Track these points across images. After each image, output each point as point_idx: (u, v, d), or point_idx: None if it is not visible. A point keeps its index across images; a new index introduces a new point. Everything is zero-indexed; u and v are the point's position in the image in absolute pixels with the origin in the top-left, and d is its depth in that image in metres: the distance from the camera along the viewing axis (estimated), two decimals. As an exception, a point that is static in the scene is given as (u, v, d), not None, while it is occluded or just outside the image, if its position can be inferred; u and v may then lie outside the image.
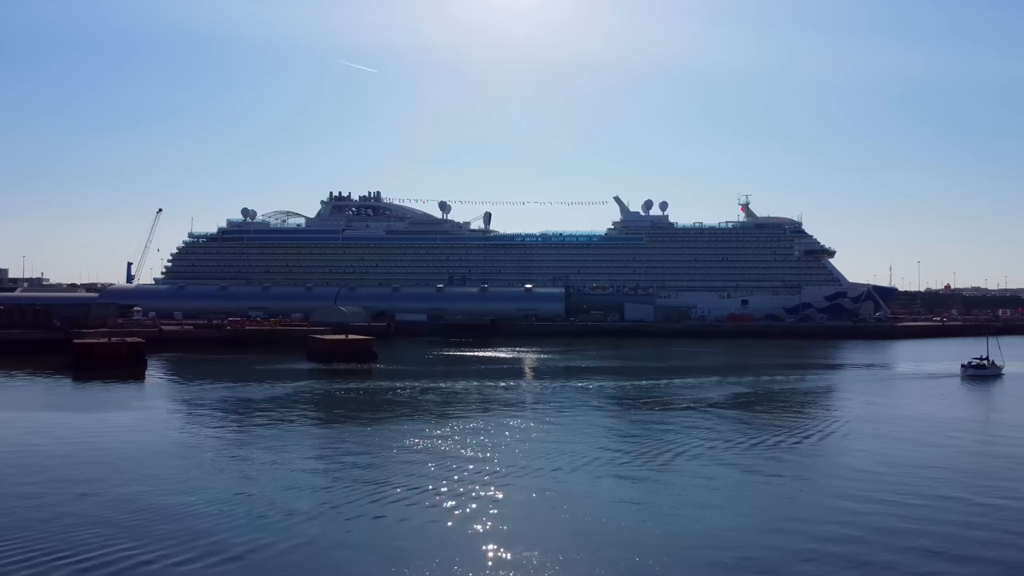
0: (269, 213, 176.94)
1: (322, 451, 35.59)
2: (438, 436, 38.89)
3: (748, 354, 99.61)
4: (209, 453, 34.75)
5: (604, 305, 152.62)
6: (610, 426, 43.55)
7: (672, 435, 39.67)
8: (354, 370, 71.26)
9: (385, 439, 38.73)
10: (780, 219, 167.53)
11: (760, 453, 35.65)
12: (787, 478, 30.95)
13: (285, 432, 40.54)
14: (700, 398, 54.05)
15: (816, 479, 31.24)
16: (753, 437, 39.45)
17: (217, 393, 56.13)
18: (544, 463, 32.76)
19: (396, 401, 52.82)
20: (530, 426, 42.32)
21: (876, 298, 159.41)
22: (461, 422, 43.77)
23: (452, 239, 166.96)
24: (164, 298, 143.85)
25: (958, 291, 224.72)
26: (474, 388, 59.44)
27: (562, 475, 30.72)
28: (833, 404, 53.94)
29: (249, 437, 39.13)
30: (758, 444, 37.71)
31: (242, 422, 43.75)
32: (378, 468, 31.95)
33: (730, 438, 38.99)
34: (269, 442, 37.48)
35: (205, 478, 29.90)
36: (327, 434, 40.23)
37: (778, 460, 34.34)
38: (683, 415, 46.69)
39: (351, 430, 41.54)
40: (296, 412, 47.09)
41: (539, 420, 44.45)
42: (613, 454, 35.08)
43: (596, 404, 52.31)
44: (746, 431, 41.43)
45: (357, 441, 38.29)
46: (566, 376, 69.46)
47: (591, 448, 36.36)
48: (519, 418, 44.80)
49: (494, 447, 36.38)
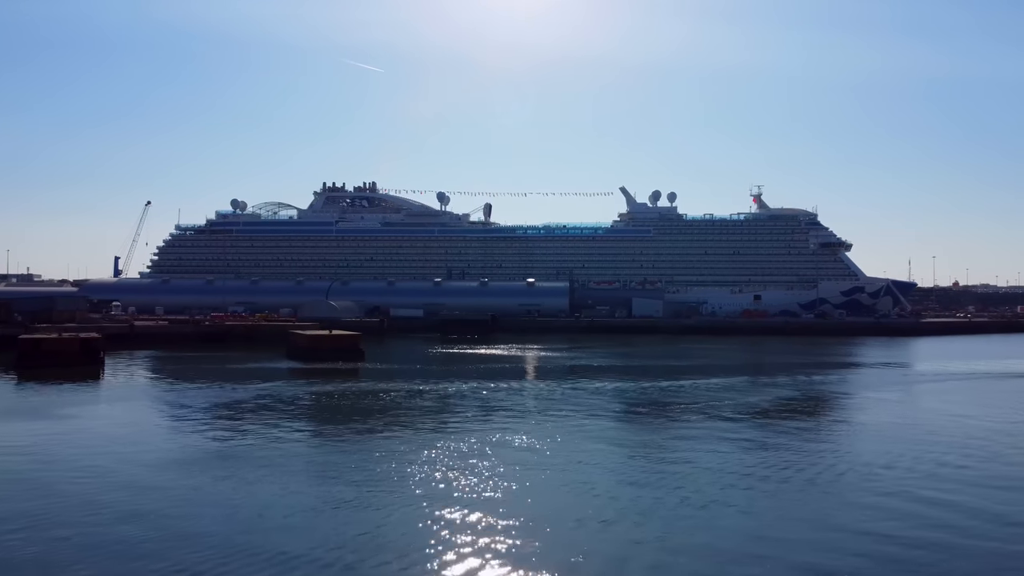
0: (260, 204, 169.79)
1: (271, 477, 28.06)
2: (425, 455, 31.35)
3: (767, 352, 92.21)
4: (125, 482, 27.21)
5: (610, 300, 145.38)
6: (630, 440, 35.98)
7: (709, 453, 32.10)
8: (337, 370, 63.68)
9: (357, 458, 31.21)
10: (794, 210, 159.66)
11: (829, 483, 28.08)
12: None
13: (236, 449, 32.99)
14: (740, 403, 46.45)
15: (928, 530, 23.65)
16: (818, 455, 31.89)
17: (170, 397, 48.57)
18: (555, 498, 25.23)
19: (380, 408, 45.23)
20: (535, 443, 34.69)
21: (896, 293, 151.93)
22: (453, 435, 36.19)
23: (451, 231, 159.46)
24: (146, 292, 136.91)
25: (967, 288, 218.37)
26: (471, 391, 51.86)
27: (579, 509, 23.21)
28: (905, 412, 46.29)
29: (187, 454, 31.56)
30: (826, 468, 30.14)
31: (185, 435, 36.18)
32: (348, 501, 24.41)
33: (790, 460, 31.44)
34: (213, 464, 29.92)
35: (109, 521, 22.35)
36: (281, 453, 32.61)
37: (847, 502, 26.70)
38: (724, 426, 39.09)
39: (317, 447, 34.01)
40: (255, 422, 39.52)
41: (546, 435, 36.80)
42: (637, 481, 27.54)
43: (611, 410, 44.74)
44: (812, 447, 33.86)
45: (321, 462, 30.77)
46: (573, 377, 61.83)
47: (608, 472, 28.86)
48: (522, 431, 37.11)
49: (492, 471, 28.79)
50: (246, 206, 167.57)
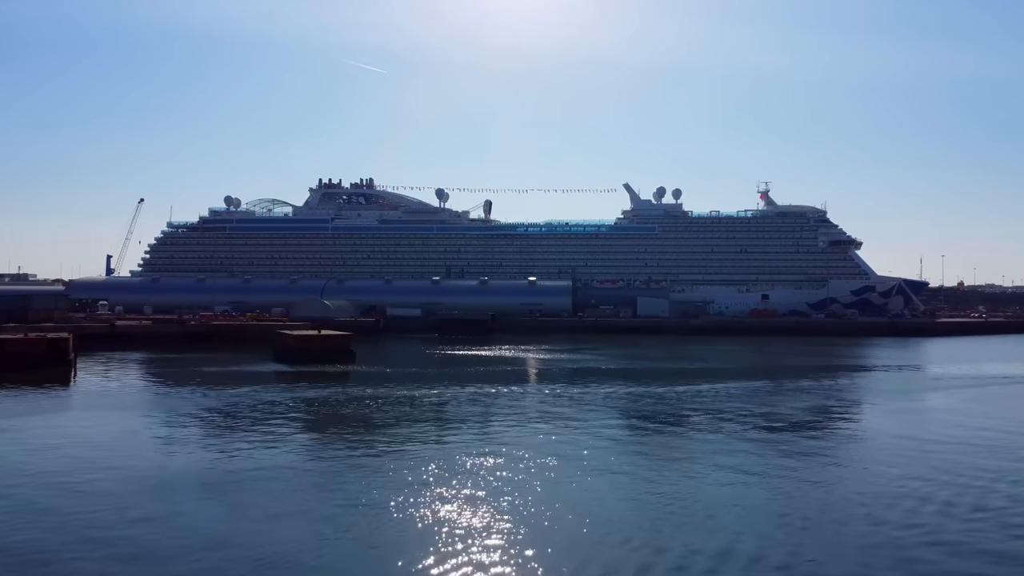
0: (254, 201, 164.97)
1: (233, 499, 23.82)
2: (412, 476, 27.09)
3: (780, 354, 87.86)
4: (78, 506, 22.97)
5: (614, 300, 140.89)
6: (638, 466, 31.72)
7: (723, 485, 27.86)
8: (324, 373, 59.31)
9: (335, 480, 26.96)
10: (803, 207, 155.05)
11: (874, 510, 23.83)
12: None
13: (201, 469, 28.75)
14: (758, 414, 42.19)
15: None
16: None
17: (137, 405, 44.29)
18: (556, 527, 21.00)
19: (367, 418, 40.98)
20: (535, 465, 30.44)
21: (908, 292, 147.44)
22: (447, 451, 31.96)
23: (450, 229, 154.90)
24: (135, 291, 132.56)
25: (974, 287, 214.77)
26: (468, 398, 47.60)
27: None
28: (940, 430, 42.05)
29: (143, 477, 27.30)
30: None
31: (142, 454, 31.95)
32: (325, 534, 20.17)
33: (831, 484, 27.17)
34: (175, 489, 25.67)
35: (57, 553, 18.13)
36: (252, 468, 28.35)
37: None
38: (739, 445, 34.84)
39: (291, 465, 29.74)
40: (225, 436, 35.27)
41: (552, 449, 32.57)
42: (654, 503, 23.31)
43: (617, 425, 40.50)
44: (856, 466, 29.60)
45: (293, 484, 26.52)
46: (577, 381, 57.45)
47: (620, 493, 24.64)
48: (522, 449, 32.80)
49: (488, 499, 24.54)
50: (240, 203, 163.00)
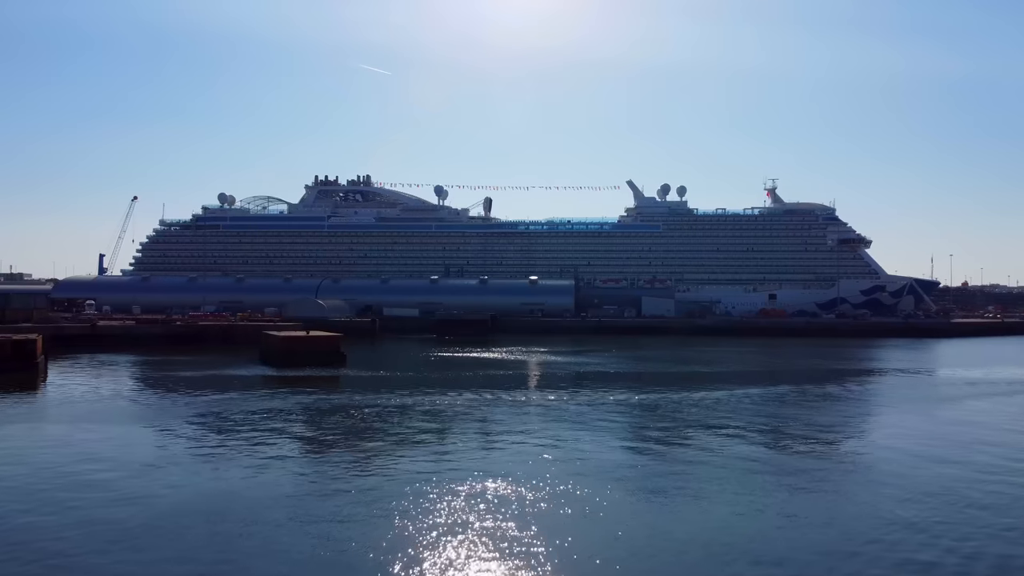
0: (248, 199, 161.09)
1: (192, 539, 19.86)
2: (401, 505, 23.13)
3: (793, 356, 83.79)
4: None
5: (618, 299, 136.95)
6: (645, 487, 27.75)
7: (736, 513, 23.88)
8: (311, 377, 55.25)
9: (311, 505, 22.99)
10: (811, 205, 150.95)
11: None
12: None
13: (150, 497, 24.80)
14: (771, 426, 38.19)
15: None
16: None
17: (98, 416, 40.25)
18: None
19: (352, 431, 37.00)
20: (541, 484, 26.46)
21: (919, 292, 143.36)
22: (438, 471, 27.98)
23: (449, 227, 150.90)
24: (124, 291, 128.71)
25: (977, 288, 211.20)
26: (465, 407, 43.64)
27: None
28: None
29: (91, 511, 23.35)
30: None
31: (92, 474, 27.99)
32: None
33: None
34: (113, 522, 21.73)
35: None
36: (216, 500, 24.38)
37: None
38: (754, 471, 30.86)
39: (255, 489, 25.77)
40: (189, 454, 31.32)
41: (553, 472, 28.60)
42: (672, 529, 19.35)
43: (627, 435, 36.55)
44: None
45: (257, 511, 22.55)
46: (581, 387, 53.43)
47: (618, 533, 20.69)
48: (523, 468, 28.86)
49: (483, 532, 20.57)
50: (234, 200, 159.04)
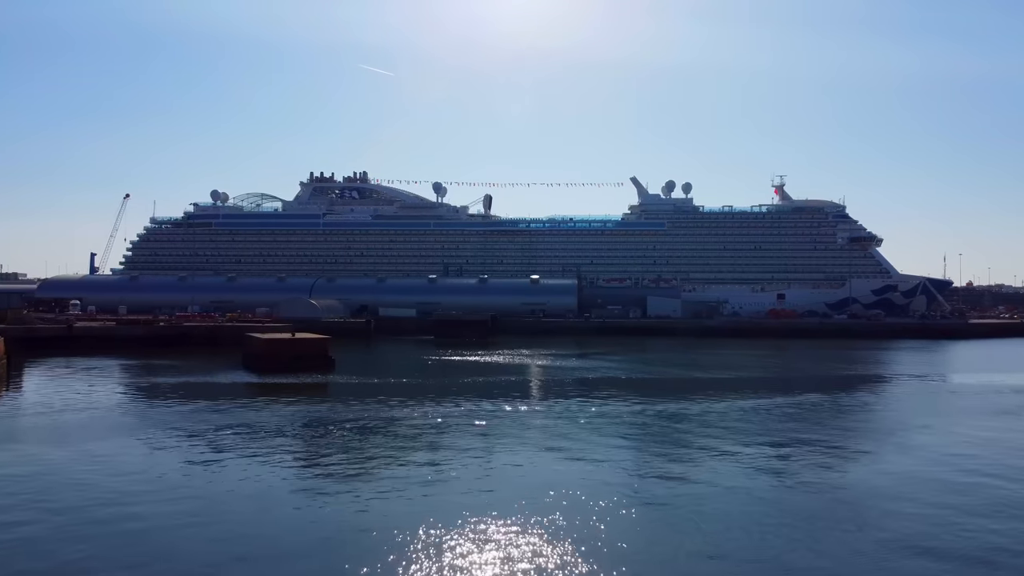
0: (242, 196, 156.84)
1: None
2: (386, 539, 18.82)
3: (806, 359, 79.70)
4: None
5: (622, 299, 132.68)
6: (667, 515, 23.44)
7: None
8: (295, 385, 50.90)
9: (273, 538, 18.71)
10: (820, 202, 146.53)
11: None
12: None
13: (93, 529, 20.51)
14: (787, 445, 33.88)
15: None
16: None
17: (47, 432, 36.02)
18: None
19: (331, 449, 32.72)
20: (544, 516, 22.16)
21: (932, 292, 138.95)
22: (430, 502, 23.67)
23: (448, 225, 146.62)
24: (111, 290, 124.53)
25: (984, 288, 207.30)
26: (460, 419, 39.34)
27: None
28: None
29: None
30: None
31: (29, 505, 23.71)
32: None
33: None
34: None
35: None
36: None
37: None
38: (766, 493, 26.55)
39: (223, 521, 21.49)
40: (143, 480, 27.04)
41: (557, 501, 24.29)
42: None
43: (636, 455, 32.27)
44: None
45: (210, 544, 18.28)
46: (586, 396, 48.89)
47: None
48: (528, 497, 24.56)
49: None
50: (227, 198, 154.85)
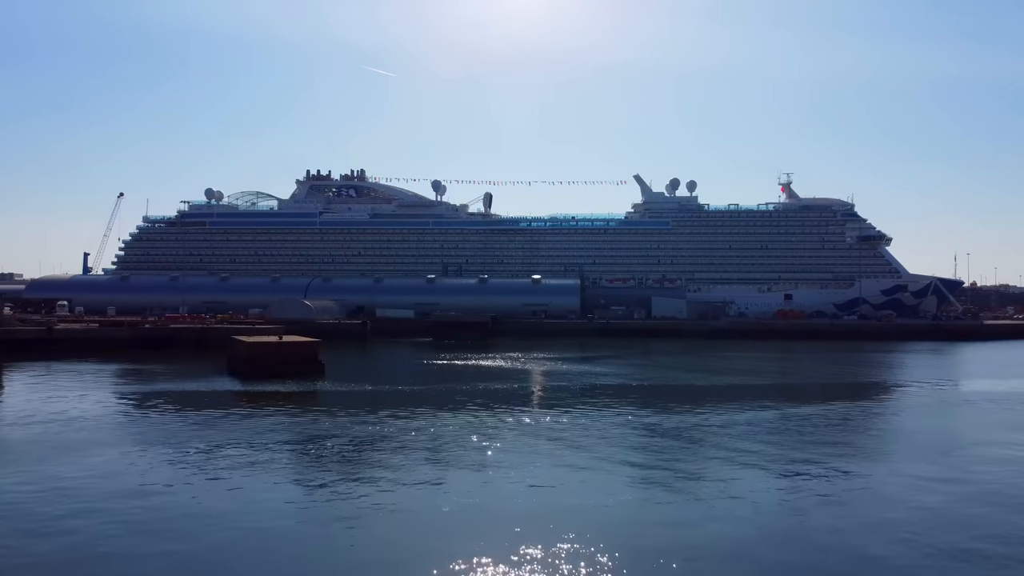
0: (236, 194, 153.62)
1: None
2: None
3: (826, 363, 76.44)
4: None
5: (626, 300, 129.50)
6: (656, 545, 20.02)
7: None
8: (280, 393, 47.44)
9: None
10: (828, 200, 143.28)
11: None
12: None
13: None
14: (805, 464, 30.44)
15: None
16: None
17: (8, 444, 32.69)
18: None
19: (316, 468, 29.31)
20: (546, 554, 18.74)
21: (943, 292, 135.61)
22: (423, 531, 20.26)
23: (447, 224, 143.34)
24: (101, 290, 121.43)
25: (992, 288, 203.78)
26: (457, 433, 35.94)
27: None
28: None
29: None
30: None
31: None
32: None
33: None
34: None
35: None
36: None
37: None
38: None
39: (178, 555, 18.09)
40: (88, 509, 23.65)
41: (560, 532, 20.88)
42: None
43: (643, 474, 28.84)
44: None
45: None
46: (589, 404, 45.38)
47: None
48: (531, 529, 21.14)
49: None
50: (222, 196, 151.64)
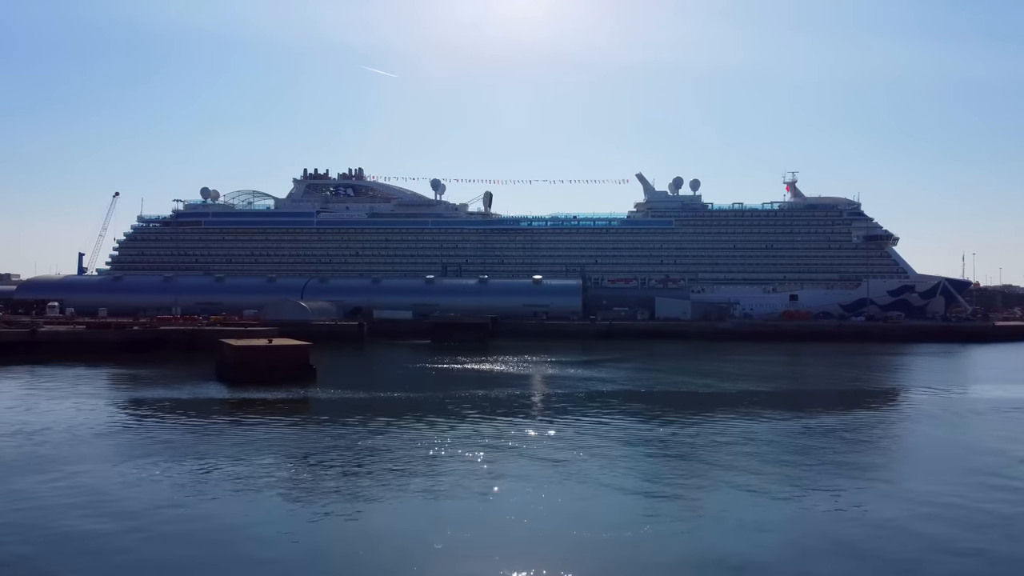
0: (232, 193, 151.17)
1: None
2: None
3: (837, 366, 74.08)
4: None
5: (629, 300, 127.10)
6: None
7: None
8: (269, 400, 44.95)
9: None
10: (834, 199, 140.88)
11: None
12: None
13: None
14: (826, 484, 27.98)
15: None
16: None
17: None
18: None
19: (300, 487, 26.86)
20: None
21: (952, 292, 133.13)
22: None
23: (446, 223, 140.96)
24: (93, 291, 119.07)
25: (997, 288, 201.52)
26: (453, 446, 33.55)
27: None
28: None
29: None
30: None
31: None
32: None
33: None
34: None
35: None
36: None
37: None
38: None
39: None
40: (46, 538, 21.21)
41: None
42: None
43: (649, 492, 26.38)
44: None
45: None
46: (592, 414, 42.98)
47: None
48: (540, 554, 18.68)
49: None
50: (218, 195, 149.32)
